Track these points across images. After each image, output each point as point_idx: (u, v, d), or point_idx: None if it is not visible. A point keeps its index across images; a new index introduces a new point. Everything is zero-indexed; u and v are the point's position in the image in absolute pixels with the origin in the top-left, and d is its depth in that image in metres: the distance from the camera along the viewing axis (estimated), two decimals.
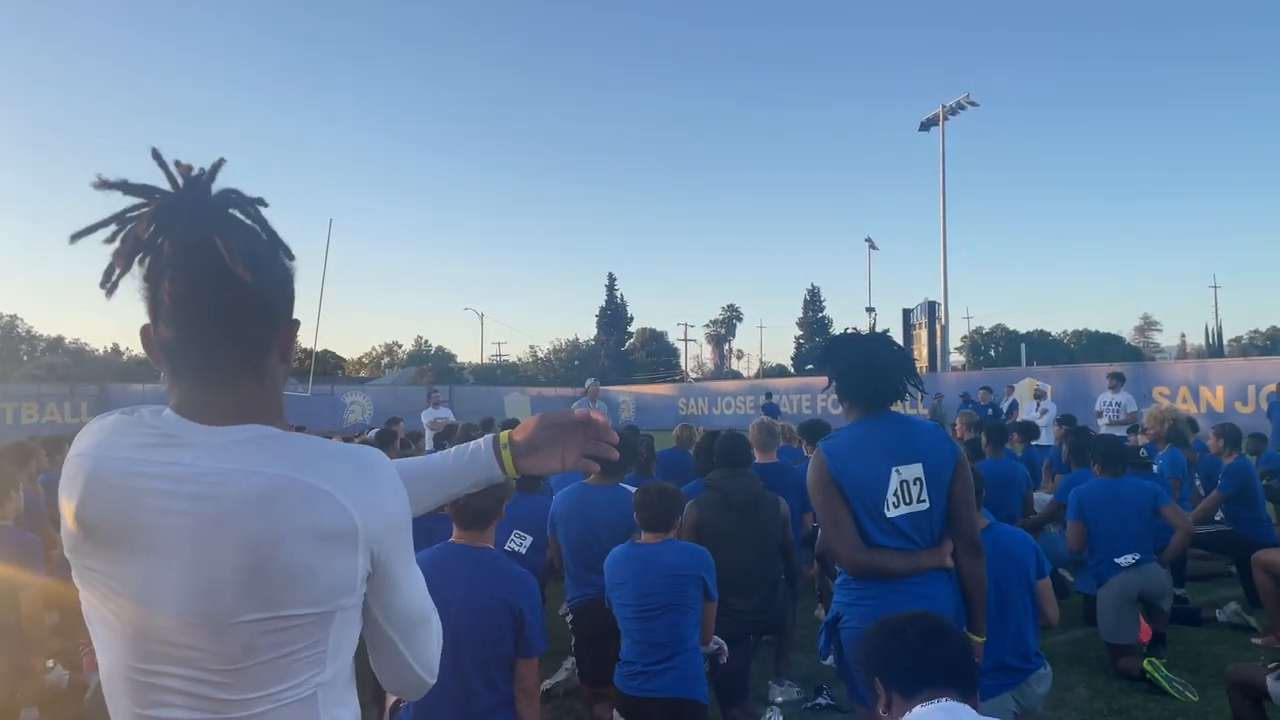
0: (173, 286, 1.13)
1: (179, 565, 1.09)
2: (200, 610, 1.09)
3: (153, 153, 1.18)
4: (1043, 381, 25.92)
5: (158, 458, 1.12)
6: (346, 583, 1.15)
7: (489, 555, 3.15)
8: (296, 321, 1.27)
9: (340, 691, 1.21)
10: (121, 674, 1.14)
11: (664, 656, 3.60)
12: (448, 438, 9.65)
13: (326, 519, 1.11)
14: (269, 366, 1.22)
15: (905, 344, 32.96)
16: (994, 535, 4.02)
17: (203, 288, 1.13)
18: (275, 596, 1.09)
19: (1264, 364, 22.96)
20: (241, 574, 1.08)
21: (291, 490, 1.10)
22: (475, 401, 38.64)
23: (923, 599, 2.83)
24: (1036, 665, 3.88)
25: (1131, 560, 5.16)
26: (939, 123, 35.44)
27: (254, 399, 1.19)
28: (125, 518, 1.10)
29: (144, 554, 1.10)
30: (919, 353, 34.17)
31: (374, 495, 1.17)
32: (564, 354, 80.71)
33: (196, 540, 1.09)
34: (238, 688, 1.11)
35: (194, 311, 1.14)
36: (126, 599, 1.11)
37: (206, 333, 1.15)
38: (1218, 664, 5.05)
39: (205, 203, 1.18)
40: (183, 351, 1.16)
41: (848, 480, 2.85)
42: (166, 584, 1.09)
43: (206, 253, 1.12)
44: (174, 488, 1.10)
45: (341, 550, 1.13)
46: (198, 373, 1.17)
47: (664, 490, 3.84)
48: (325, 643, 1.15)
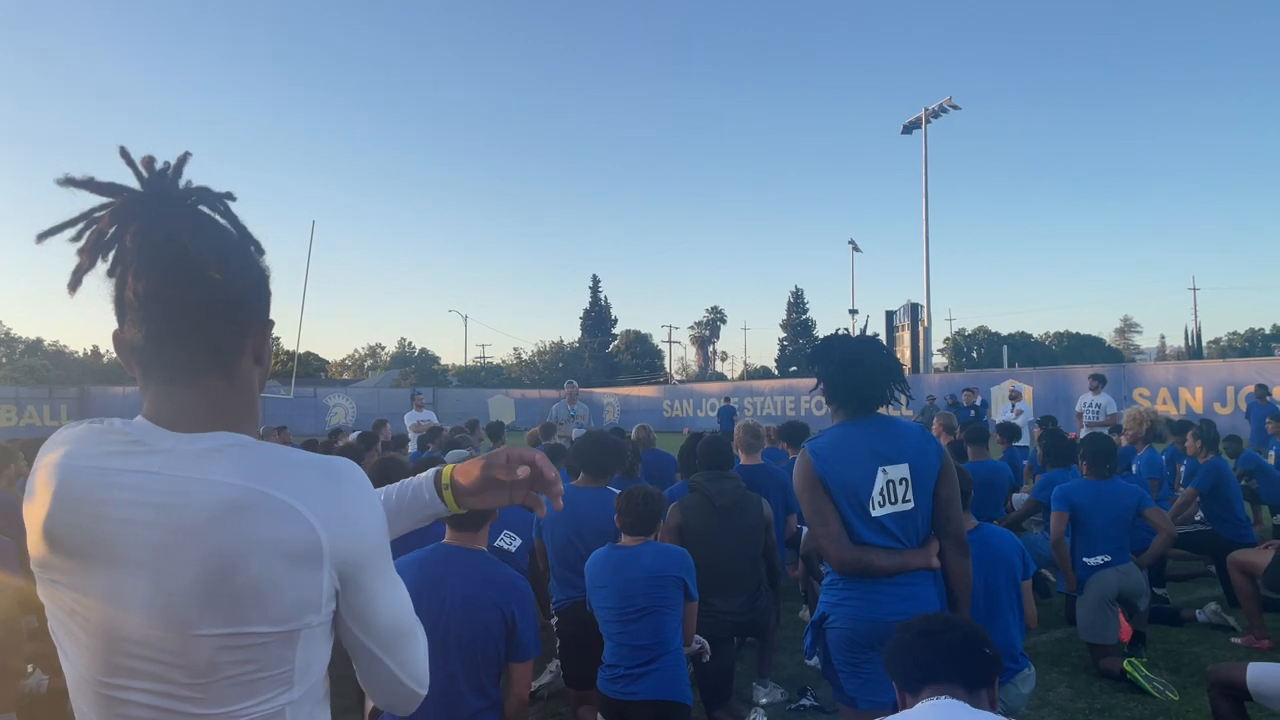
0: (137, 284, 1.10)
1: (143, 576, 1.06)
2: (163, 622, 1.06)
3: (120, 150, 1.15)
4: (1025, 382, 26.14)
5: (125, 465, 1.09)
6: (311, 601, 1.11)
7: (482, 557, 3.15)
8: (270, 322, 1.23)
9: (310, 710, 1.17)
10: (89, 688, 1.11)
11: (646, 659, 3.59)
12: (431, 440, 9.60)
13: (290, 535, 1.07)
14: (242, 369, 1.19)
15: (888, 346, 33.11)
16: (982, 535, 4.04)
17: (169, 286, 1.10)
18: (237, 612, 1.06)
19: (1242, 365, 23.19)
20: (203, 586, 1.05)
21: (256, 503, 1.07)
22: (459, 404, 38.53)
23: (909, 599, 2.84)
24: (1021, 665, 3.91)
25: (1101, 561, 5.19)
26: (921, 126, 35.64)
27: (226, 402, 1.16)
28: (91, 528, 1.07)
29: (109, 564, 1.07)
30: (902, 354, 34.30)
31: (342, 509, 1.13)
32: (548, 356, 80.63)
33: (160, 551, 1.05)
34: (204, 703, 1.08)
35: (160, 311, 1.11)
36: (93, 610, 1.08)
37: (174, 333, 1.12)
38: (1198, 664, 5.09)
39: (171, 198, 1.14)
40: (151, 353, 1.13)
41: (834, 479, 2.86)
42: (131, 595, 1.06)
43: (172, 250, 1.10)
44: (139, 497, 1.07)
45: (305, 568, 1.09)
46: (167, 375, 1.13)
47: (646, 493, 3.84)
48: (292, 661, 1.12)
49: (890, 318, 36.62)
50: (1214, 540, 6.60)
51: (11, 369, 54.03)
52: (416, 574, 3.07)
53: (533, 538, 4.94)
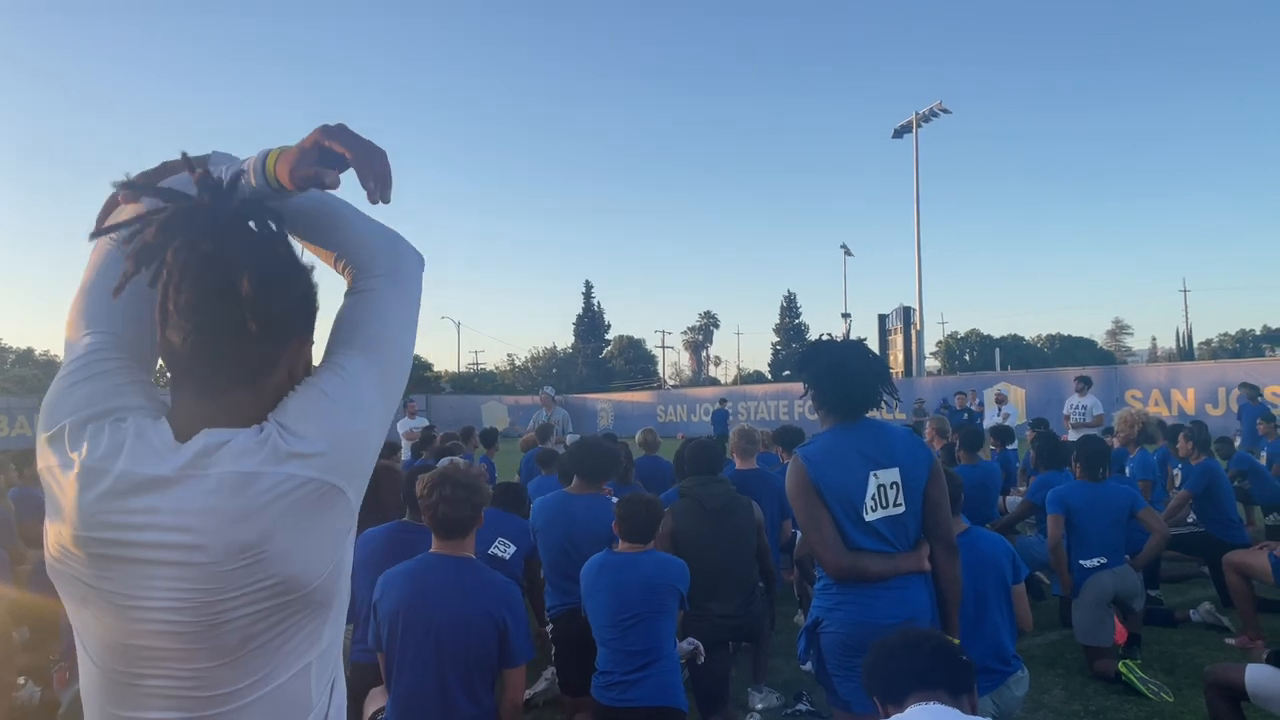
0: (177, 295, 1.11)
1: (174, 574, 1.06)
2: (200, 617, 1.06)
3: (182, 156, 1.17)
4: (1017, 385, 26.21)
5: (148, 470, 1.08)
6: (344, 529, 1.15)
7: (470, 565, 3.14)
8: (308, 339, 1.24)
9: (333, 660, 1.19)
10: (105, 677, 1.11)
11: (641, 665, 3.58)
12: (425, 447, 9.58)
13: (307, 495, 1.09)
14: (273, 382, 1.18)
15: (881, 349, 33.19)
16: (971, 539, 4.05)
17: (208, 299, 1.11)
18: (277, 584, 1.07)
19: (1233, 367, 23.28)
20: (238, 573, 1.05)
21: (273, 482, 1.07)
22: (452, 411, 38.52)
23: (902, 602, 2.86)
24: (1014, 668, 3.91)
25: (1097, 564, 5.20)
26: (912, 130, 35.70)
27: (248, 413, 1.14)
28: (119, 531, 1.06)
29: (141, 564, 1.06)
30: (895, 358, 34.37)
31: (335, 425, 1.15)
32: (542, 362, 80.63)
33: (188, 547, 1.05)
34: (229, 681, 1.09)
35: (197, 326, 1.12)
36: (120, 607, 1.08)
37: (209, 350, 1.13)
38: (1193, 665, 5.10)
39: (220, 212, 1.14)
40: (186, 365, 1.14)
41: (826, 484, 2.87)
42: (162, 594, 1.06)
43: (214, 266, 1.11)
44: (167, 504, 1.06)
45: (332, 510, 1.12)
46: (198, 388, 1.15)
47: (647, 501, 3.83)
48: (329, 611, 1.15)
49: (883, 321, 36.67)
50: (1207, 541, 6.61)
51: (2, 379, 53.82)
52: (406, 584, 3.07)
53: (529, 545, 4.93)
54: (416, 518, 4.02)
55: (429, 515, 3.13)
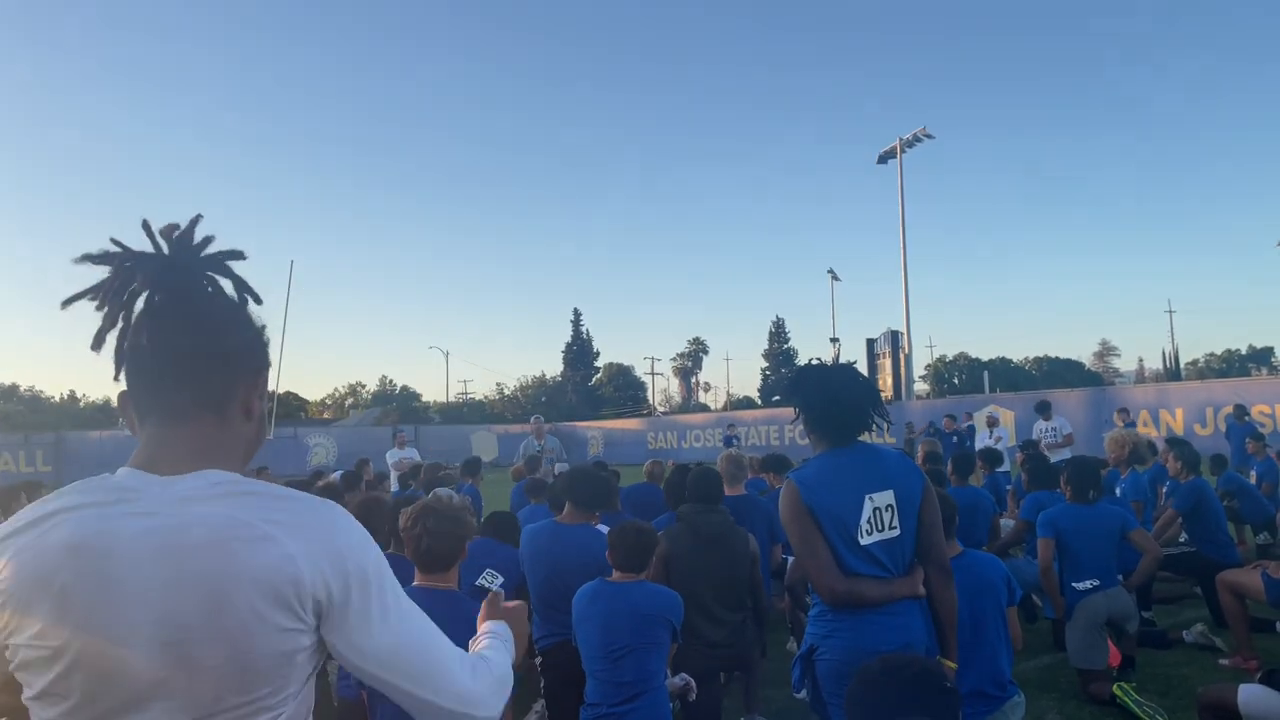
0: (136, 338, 1.23)
1: (149, 612, 1.10)
2: (167, 656, 1.11)
3: (143, 224, 1.26)
4: (1006, 408, 26.27)
5: (123, 512, 1.14)
6: (290, 636, 1.16)
7: (452, 599, 3.09)
8: (261, 378, 1.33)
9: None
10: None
11: (630, 696, 3.53)
12: (413, 478, 9.53)
13: (274, 564, 1.14)
14: (231, 414, 1.28)
15: (870, 374, 33.22)
16: (967, 562, 4.03)
17: (169, 336, 1.23)
18: (240, 640, 1.12)
19: (1220, 386, 23.44)
20: (206, 616, 1.11)
21: (250, 536, 1.13)
22: (441, 441, 38.31)
23: (898, 629, 2.83)
24: (1011, 693, 3.88)
25: (1090, 586, 5.18)
26: (896, 155, 36.02)
27: (214, 443, 1.24)
28: (96, 575, 1.11)
29: (114, 605, 1.11)
30: (884, 382, 34.41)
31: (324, 540, 1.19)
32: (531, 391, 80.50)
33: (162, 587, 1.11)
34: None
35: (158, 359, 1.22)
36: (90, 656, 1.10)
37: (167, 381, 1.23)
38: (1187, 686, 5.07)
39: (177, 260, 1.27)
40: (149, 397, 1.24)
41: (821, 509, 2.84)
42: (139, 632, 1.10)
43: (177, 304, 1.24)
44: (140, 539, 1.12)
45: (281, 603, 1.15)
46: (162, 417, 1.23)
47: (641, 530, 3.80)
48: (288, 687, 1.19)
49: (871, 346, 36.76)
50: (1199, 561, 6.61)
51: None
52: None
53: (518, 576, 4.89)
54: (401, 549, 3.98)
55: (411, 548, 3.09)
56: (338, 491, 7.13)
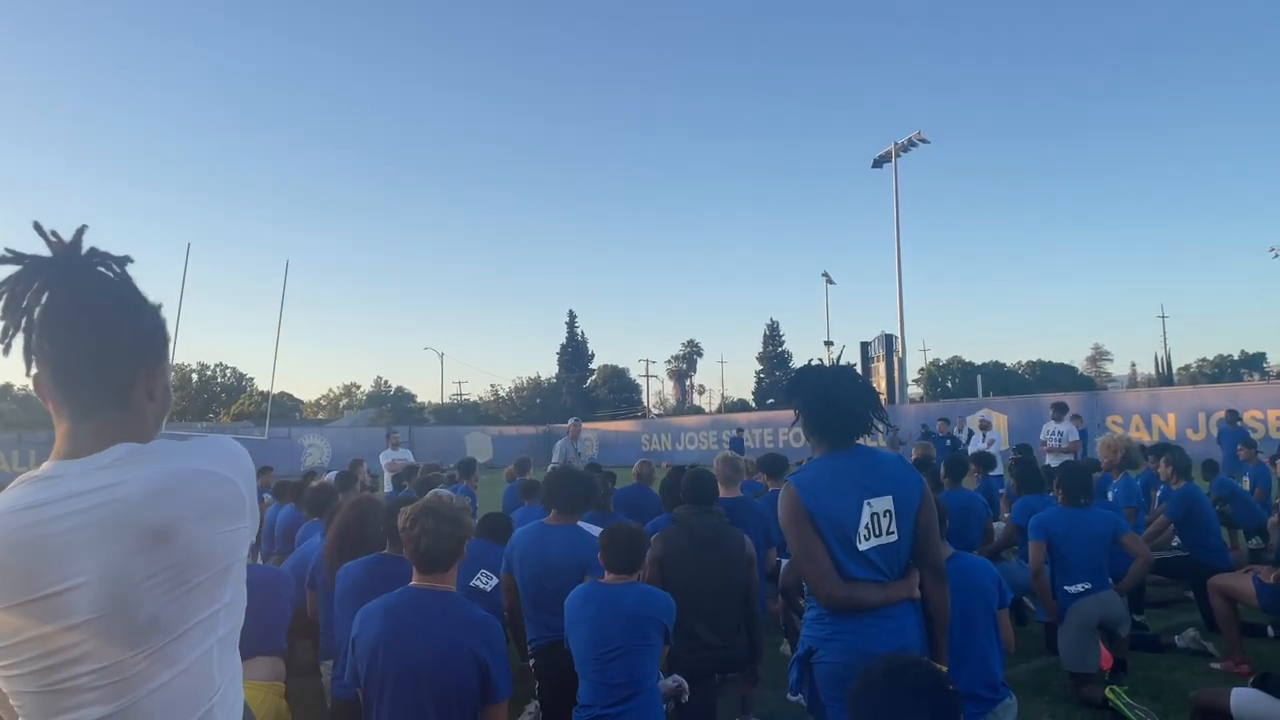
0: (41, 334, 1.35)
1: (89, 566, 1.24)
2: (111, 600, 1.24)
3: (34, 225, 1.37)
4: (999, 411, 26.35)
5: (50, 495, 1.27)
6: (240, 541, 1.38)
7: (451, 600, 3.09)
8: (161, 363, 1.45)
9: (229, 647, 1.41)
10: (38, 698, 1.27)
11: (622, 697, 3.53)
12: (407, 479, 9.51)
13: (222, 495, 1.34)
14: (135, 402, 1.41)
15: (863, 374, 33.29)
16: (958, 564, 4.04)
17: (67, 336, 1.35)
18: (181, 569, 1.28)
19: (1212, 391, 23.53)
20: (147, 557, 1.25)
21: (186, 477, 1.32)
22: (436, 442, 38.30)
23: (895, 632, 2.83)
24: (1002, 695, 3.89)
25: (1081, 589, 5.20)
26: (891, 159, 36.12)
27: (121, 431, 1.37)
28: (37, 546, 1.25)
29: (59, 568, 1.24)
30: (877, 385, 34.47)
31: (245, 467, 1.42)
32: (525, 392, 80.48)
33: (97, 543, 1.24)
34: (146, 671, 1.28)
35: (62, 356, 1.35)
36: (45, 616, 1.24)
37: (75, 374, 1.36)
38: (1179, 690, 5.09)
39: (73, 263, 1.39)
40: (58, 393, 1.36)
41: (820, 513, 2.83)
42: (86, 591, 1.24)
43: (71, 306, 1.36)
44: (73, 508, 1.26)
45: (236, 518, 1.36)
46: (70, 410, 1.36)
47: (633, 532, 3.80)
48: (222, 599, 1.35)
49: (865, 349, 36.83)
50: (1191, 566, 6.63)
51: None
52: (385, 620, 3.01)
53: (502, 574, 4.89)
54: (397, 550, 3.98)
55: (410, 548, 3.09)
56: (332, 492, 7.11)
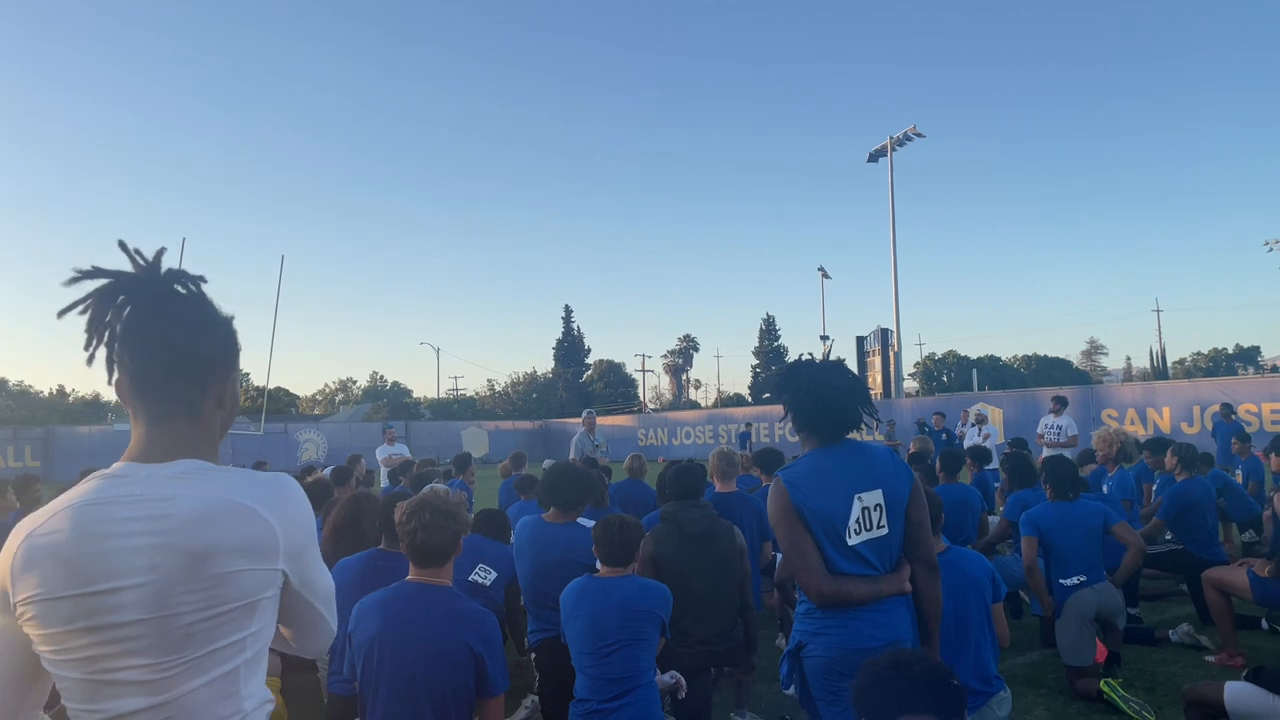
0: (122, 348, 1.48)
1: (140, 574, 1.37)
2: (154, 606, 1.37)
3: (119, 243, 1.51)
4: (995, 405, 26.36)
5: (117, 494, 1.42)
6: (269, 581, 1.48)
7: (447, 594, 3.09)
8: (231, 374, 1.59)
9: (257, 668, 1.51)
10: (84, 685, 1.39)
11: (620, 692, 3.53)
12: (403, 474, 9.50)
13: (254, 532, 1.44)
14: (204, 412, 1.54)
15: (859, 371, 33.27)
16: (952, 558, 4.04)
17: (145, 350, 1.48)
18: (213, 593, 1.40)
19: (1207, 385, 23.51)
20: (187, 575, 1.38)
21: (226, 509, 1.43)
22: (432, 437, 38.28)
23: (885, 625, 2.83)
24: (996, 688, 3.90)
25: (1077, 581, 5.21)
26: (887, 153, 36.09)
27: (190, 439, 1.51)
28: (101, 546, 1.38)
29: (113, 573, 1.37)
30: (873, 379, 34.48)
31: (288, 512, 1.50)
32: (522, 387, 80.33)
33: (152, 553, 1.37)
34: (181, 675, 1.40)
35: (140, 369, 1.48)
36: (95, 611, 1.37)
37: (148, 384, 1.49)
38: (1173, 683, 5.11)
39: (153, 281, 1.51)
40: (135, 400, 1.49)
41: (810, 509, 2.83)
42: (129, 591, 1.37)
43: (149, 322, 1.48)
44: (133, 513, 1.39)
45: (266, 559, 1.46)
46: (146, 417, 1.49)
47: (624, 524, 3.79)
48: (249, 628, 1.46)
49: (861, 343, 36.81)
50: (1186, 559, 6.65)
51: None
52: (381, 614, 3.01)
53: (510, 571, 4.89)
54: (393, 545, 3.97)
55: (407, 543, 3.08)
56: (327, 487, 7.10)
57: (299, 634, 1.65)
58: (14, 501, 7.40)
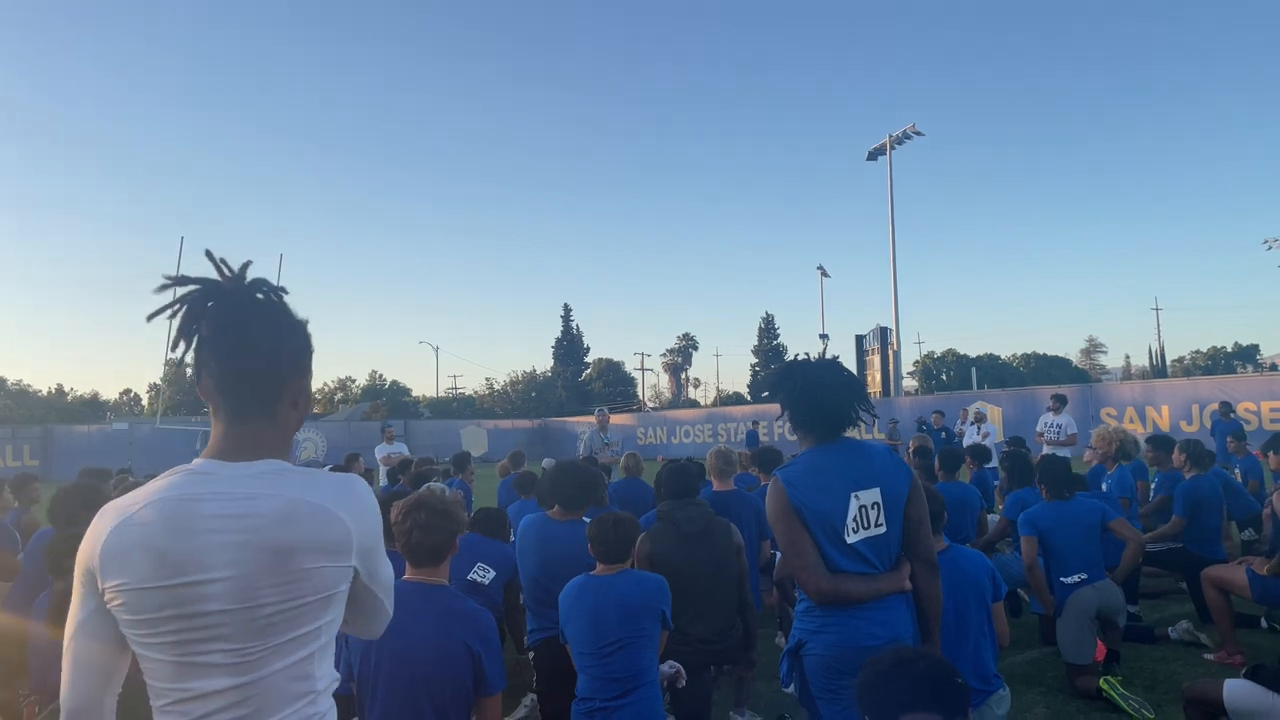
0: (207, 352, 1.59)
1: (224, 563, 1.46)
2: (241, 598, 1.46)
3: (206, 252, 1.64)
4: (994, 403, 26.38)
5: (205, 490, 1.51)
6: (343, 575, 1.58)
7: (443, 593, 3.08)
8: (306, 376, 1.70)
9: (328, 655, 1.63)
10: (171, 667, 1.49)
11: (623, 691, 3.52)
12: (402, 473, 9.49)
13: (332, 532, 1.54)
14: (281, 412, 1.65)
15: (859, 370, 33.30)
16: (952, 557, 4.04)
17: (227, 354, 1.58)
18: (294, 587, 1.50)
19: (1206, 383, 23.55)
20: (270, 570, 1.48)
21: (306, 510, 1.53)
22: (431, 436, 38.26)
23: (885, 624, 2.83)
24: (995, 687, 3.89)
25: (1078, 579, 5.21)
26: (886, 152, 36.08)
27: (269, 437, 1.62)
28: (189, 537, 1.47)
29: (201, 565, 1.46)
30: (872, 378, 34.53)
31: (360, 511, 1.60)
32: (521, 386, 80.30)
33: (237, 549, 1.47)
34: (262, 659, 1.50)
35: (224, 371, 1.58)
36: (185, 601, 1.46)
37: (230, 387, 1.59)
38: (1173, 681, 5.10)
39: (238, 290, 1.62)
40: (216, 398, 1.60)
41: (808, 508, 2.83)
42: (217, 579, 1.46)
43: (232, 328, 1.59)
44: (219, 510, 1.49)
45: (341, 556, 1.56)
46: (228, 416, 1.59)
47: (619, 520, 3.78)
48: (324, 617, 1.57)
49: (860, 342, 36.85)
50: (1185, 557, 6.65)
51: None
52: None
53: (509, 570, 4.88)
54: (390, 544, 3.96)
55: (402, 542, 3.08)
56: None
57: (362, 620, 1.76)
58: (11, 501, 7.37)
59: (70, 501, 4.94)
